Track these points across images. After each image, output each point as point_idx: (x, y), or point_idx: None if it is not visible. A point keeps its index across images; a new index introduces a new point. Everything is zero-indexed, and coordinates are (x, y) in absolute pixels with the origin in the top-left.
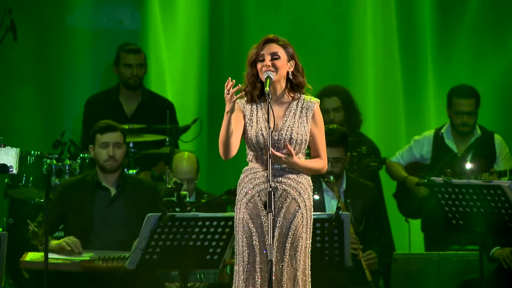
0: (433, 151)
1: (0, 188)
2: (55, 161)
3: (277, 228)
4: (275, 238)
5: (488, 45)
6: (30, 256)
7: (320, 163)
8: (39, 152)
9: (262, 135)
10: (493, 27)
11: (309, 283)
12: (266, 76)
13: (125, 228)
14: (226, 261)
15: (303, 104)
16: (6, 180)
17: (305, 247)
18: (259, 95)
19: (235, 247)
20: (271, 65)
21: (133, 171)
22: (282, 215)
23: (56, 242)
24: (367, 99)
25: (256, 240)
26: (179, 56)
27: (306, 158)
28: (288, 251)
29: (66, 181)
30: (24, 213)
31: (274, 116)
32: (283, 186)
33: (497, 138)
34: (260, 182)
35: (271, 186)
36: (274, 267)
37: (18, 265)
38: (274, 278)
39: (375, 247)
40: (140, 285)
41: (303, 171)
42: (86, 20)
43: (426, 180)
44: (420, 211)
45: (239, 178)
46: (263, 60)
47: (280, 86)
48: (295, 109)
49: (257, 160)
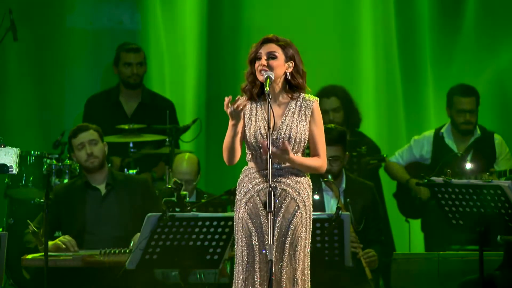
0: (433, 151)
1: (0, 188)
2: (55, 161)
3: (276, 228)
4: (274, 238)
5: (487, 45)
6: (31, 255)
7: (318, 162)
8: (39, 152)
9: (261, 134)
10: (492, 27)
11: (308, 283)
12: (266, 76)
13: (119, 224)
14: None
15: (302, 103)
16: (6, 180)
17: (304, 246)
18: (258, 93)
19: (234, 247)
20: (266, 64)
21: (133, 171)
22: (281, 214)
23: (52, 242)
24: (367, 99)
25: (255, 240)
26: (179, 56)
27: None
28: (287, 251)
29: (56, 187)
30: (24, 213)
31: (274, 115)
32: (282, 185)
33: (497, 138)
34: (260, 182)
35: (271, 186)
36: (273, 267)
37: (18, 265)
38: (273, 278)
39: (375, 246)
40: (140, 285)
41: (301, 169)
42: (86, 20)
43: (426, 180)
44: (420, 211)
45: (239, 178)
46: (260, 59)
47: (277, 86)
48: (294, 108)
49: (256, 159)
